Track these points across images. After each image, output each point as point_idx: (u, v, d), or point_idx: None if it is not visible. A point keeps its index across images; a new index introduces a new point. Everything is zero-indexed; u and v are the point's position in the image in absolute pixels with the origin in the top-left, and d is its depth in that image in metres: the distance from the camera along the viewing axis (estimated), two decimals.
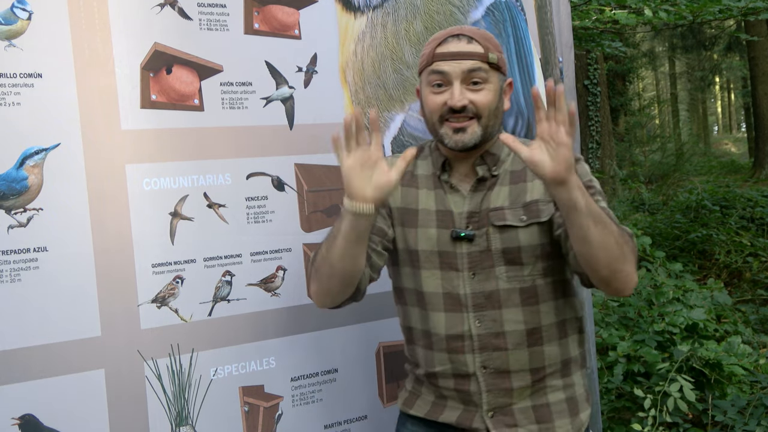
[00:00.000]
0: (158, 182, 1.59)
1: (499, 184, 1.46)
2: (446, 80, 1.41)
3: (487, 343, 1.44)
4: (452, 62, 1.40)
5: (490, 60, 1.41)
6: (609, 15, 5.44)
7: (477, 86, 1.40)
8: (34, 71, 1.48)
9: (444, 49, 1.42)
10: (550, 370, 1.47)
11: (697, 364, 3.17)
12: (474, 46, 1.41)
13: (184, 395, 1.60)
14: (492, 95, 1.41)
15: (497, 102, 1.43)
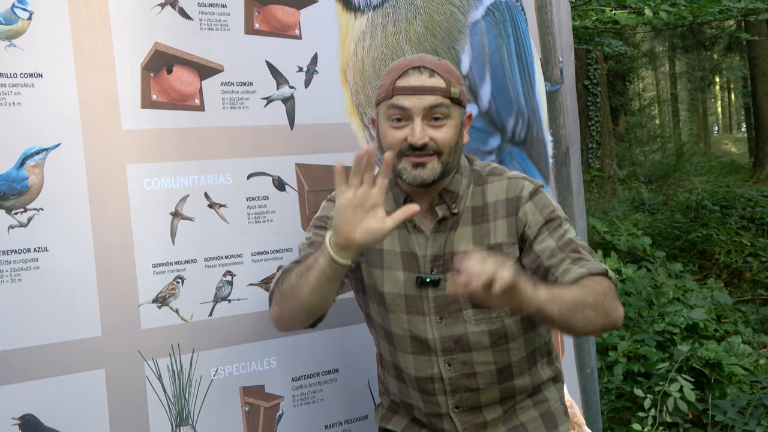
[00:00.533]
0: (159, 182, 1.59)
1: (461, 224, 1.41)
2: (407, 115, 1.34)
3: (458, 385, 1.43)
4: (413, 97, 1.33)
5: (452, 95, 1.35)
6: (609, 15, 5.44)
7: (438, 122, 1.34)
8: (34, 71, 1.48)
9: (405, 82, 1.34)
10: (519, 397, 1.47)
11: (697, 364, 3.17)
12: (436, 80, 1.34)
13: (185, 395, 1.60)
14: (453, 131, 1.36)
15: (458, 137, 1.38)
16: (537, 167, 2.06)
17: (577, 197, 2.24)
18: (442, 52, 1.91)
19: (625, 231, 5.34)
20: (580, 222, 2.25)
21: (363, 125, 1.84)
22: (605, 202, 8.89)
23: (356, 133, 1.83)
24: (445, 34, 1.91)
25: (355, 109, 1.83)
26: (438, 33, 1.91)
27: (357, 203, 1.22)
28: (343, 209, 1.22)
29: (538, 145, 2.06)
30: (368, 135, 1.85)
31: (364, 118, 1.84)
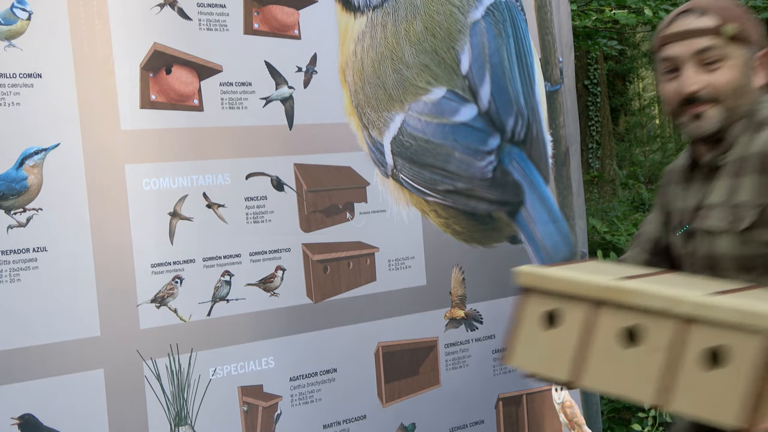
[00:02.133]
0: (158, 182, 1.59)
1: (724, 175, 1.26)
2: (676, 65, 1.25)
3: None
4: (679, 44, 1.24)
5: (725, 33, 1.22)
6: (609, 15, 5.44)
7: (713, 66, 1.23)
8: (33, 71, 1.48)
9: (671, 29, 1.26)
10: None
11: None
12: (704, 20, 1.23)
13: (183, 395, 1.60)
14: (733, 72, 1.23)
15: (742, 79, 1.24)
16: (537, 167, 2.06)
17: (577, 197, 2.24)
18: (441, 52, 1.91)
19: (625, 231, 5.34)
20: (580, 222, 2.25)
21: (362, 125, 1.84)
22: (605, 202, 8.89)
23: (355, 133, 1.83)
24: (444, 34, 1.91)
25: (354, 109, 1.83)
26: (438, 33, 1.91)
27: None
28: None
29: (537, 145, 2.06)
30: (367, 135, 1.85)
31: (363, 118, 1.84)
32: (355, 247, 1.82)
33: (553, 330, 1.09)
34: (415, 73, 1.88)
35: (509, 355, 1.14)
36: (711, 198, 1.27)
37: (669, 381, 0.97)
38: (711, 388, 0.94)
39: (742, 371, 0.91)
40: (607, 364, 1.03)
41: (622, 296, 1.02)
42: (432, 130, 1.89)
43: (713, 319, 0.94)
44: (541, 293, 1.11)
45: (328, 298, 1.78)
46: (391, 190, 1.87)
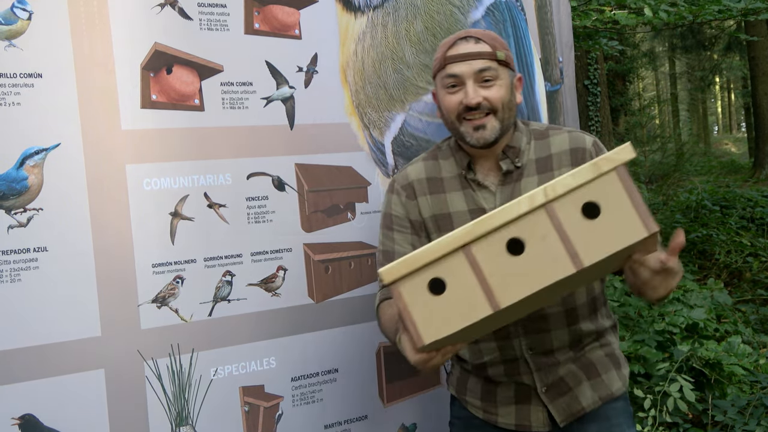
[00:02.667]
0: (158, 182, 1.59)
1: (526, 175, 1.50)
2: (459, 81, 1.47)
3: (530, 327, 1.50)
4: (462, 63, 1.46)
5: (498, 57, 1.47)
6: (609, 15, 5.44)
7: (488, 83, 1.46)
8: (34, 71, 1.48)
9: (454, 51, 1.48)
10: (587, 340, 1.55)
11: (697, 364, 3.17)
12: (482, 46, 1.47)
13: (184, 395, 1.60)
14: (504, 90, 1.47)
15: (509, 96, 1.49)
16: None
17: None
18: None
19: None
20: None
21: (363, 125, 1.84)
22: None
23: (356, 133, 1.83)
24: (445, 34, 1.91)
25: (355, 109, 1.83)
26: (438, 33, 1.91)
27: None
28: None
29: None
30: (368, 135, 1.85)
31: (364, 118, 1.84)
32: (357, 247, 1.82)
33: (447, 291, 1.19)
34: (416, 72, 1.88)
35: (420, 338, 1.21)
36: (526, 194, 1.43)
37: (571, 248, 1.15)
38: (606, 229, 1.15)
39: (620, 200, 1.14)
40: (513, 278, 1.18)
41: (483, 227, 1.18)
42: (433, 129, 1.89)
43: (571, 188, 1.15)
44: (408, 276, 1.20)
45: (330, 298, 1.78)
46: None
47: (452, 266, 1.20)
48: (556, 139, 1.52)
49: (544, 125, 1.58)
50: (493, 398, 1.57)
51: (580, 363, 1.54)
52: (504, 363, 1.53)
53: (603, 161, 1.14)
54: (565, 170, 1.46)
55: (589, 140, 1.51)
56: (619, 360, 1.59)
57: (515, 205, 1.17)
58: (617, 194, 1.15)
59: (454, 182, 1.54)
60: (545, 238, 1.16)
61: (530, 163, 1.51)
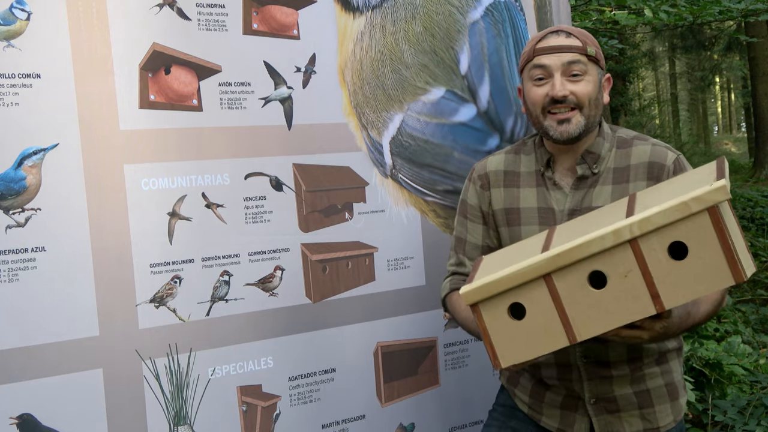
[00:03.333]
0: (156, 182, 1.59)
1: (600, 183, 1.48)
2: (547, 73, 1.46)
3: None
4: (552, 55, 1.45)
5: (588, 53, 1.45)
6: (609, 16, 5.44)
7: (577, 78, 1.45)
8: (32, 72, 1.48)
9: (544, 44, 1.47)
10: (647, 361, 1.50)
11: (697, 364, 3.16)
12: (572, 40, 1.46)
13: (182, 395, 1.60)
14: (592, 86, 1.46)
15: (597, 93, 1.47)
16: None
17: None
18: (440, 52, 1.91)
19: None
20: None
21: (361, 125, 1.84)
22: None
23: (354, 133, 1.83)
24: (443, 35, 1.91)
25: (353, 109, 1.83)
26: (437, 33, 1.91)
27: None
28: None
29: None
30: (366, 135, 1.85)
31: (362, 118, 1.84)
32: (354, 247, 1.82)
33: (526, 318, 1.19)
34: (414, 73, 1.88)
35: (498, 362, 1.23)
36: (597, 202, 1.46)
37: (653, 288, 1.12)
38: (691, 272, 1.10)
39: (708, 244, 1.08)
40: (592, 311, 1.15)
41: (566, 258, 1.15)
42: (431, 130, 1.90)
43: (659, 226, 1.10)
44: (490, 299, 1.21)
45: (327, 298, 1.78)
46: (390, 190, 1.87)
47: (533, 294, 1.18)
48: (637, 150, 1.48)
49: (632, 134, 1.54)
50: (541, 399, 1.56)
51: (637, 388, 1.49)
52: (557, 366, 1.52)
53: (693, 201, 1.08)
54: (641, 184, 1.45)
55: (670, 157, 1.46)
56: (677, 390, 1.53)
57: (600, 239, 1.13)
58: (707, 237, 1.09)
59: (531, 178, 1.54)
60: (628, 275, 1.13)
61: (608, 171, 1.48)
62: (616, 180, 1.48)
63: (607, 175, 1.48)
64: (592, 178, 1.48)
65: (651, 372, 1.50)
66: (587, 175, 1.48)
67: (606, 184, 1.48)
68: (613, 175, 1.48)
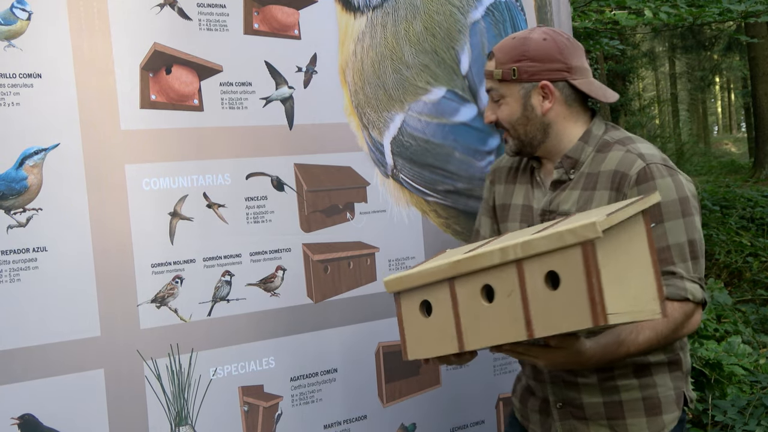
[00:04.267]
0: (158, 182, 1.59)
1: (571, 187, 1.47)
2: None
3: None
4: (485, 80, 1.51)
5: (495, 77, 1.45)
6: (609, 16, 5.44)
7: (498, 102, 1.48)
8: (33, 71, 1.48)
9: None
10: (620, 372, 1.42)
11: (697, 364, 3.16)
12: (490, 64, 1.47)
13: (184, 395, 1.60)
14: (509, 109, 1.46)
15: (520, 112, 1.45)
16: None
17: None
18: (441, 53, 1.91)
19: None
20: None
21: (362, 125, 1.84)
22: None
23: (355, 133, 1.83)
24: (444, 35, 1.91)
25: (354, 109, 1.83)
26: (438, 33, 1.91)
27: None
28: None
29: None
30: (367, 135, 1.85)
31: (363, 118, 1.84)
32: (356, 247, 1.82)
33: (432, 316, 1.22)
34: (415, 73, 1.88)
35: (407, 350, 1.26)
36: (564, 206, 1.45)
37: (528, 314, 1.11)
38: (560, 304, 1.08)
39: (576, 280, 1.06)
40: (481, 323, 1.17)
41: (464, 266, 1.17)
42: (432, 130, 1.90)
43: (540, 252, 1.10)
44: (409, 291, 1.24)
45: (329, 298, 1.78)
46: (391, 190, 1.87)
47: (439, 295, 1.21)
48: (611, 156, 1.42)
49: (618, 136, 1.46)
50: (526, 404, 1.57)
51: (608, 398, 1.43)
52: (532, 366, 1.52)
53: (568, 233, 1.06)
54: (605, 193, 1.40)
55: (637, 166, 1.37)
56: (659, 405, 1.42)
57: (489, 255, 1.14)
58: (576, 272, 1.06)
59: (526, 176, 1.57)
60: (511, 294, 1.13)
61: (581, 176, 1.45)
62: (585, 186, 1.44)
63: (579, 179, 1.45)
64: (568, 182, 1.47)
65: (627, 384, 1.42)
66: (563, 179, 1.47)
67: (575, 189, 1.45)
68: (584, 180, 1.44)
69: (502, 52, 1.46)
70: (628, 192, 1.37)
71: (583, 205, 1.42)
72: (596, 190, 1.42)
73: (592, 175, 1.44)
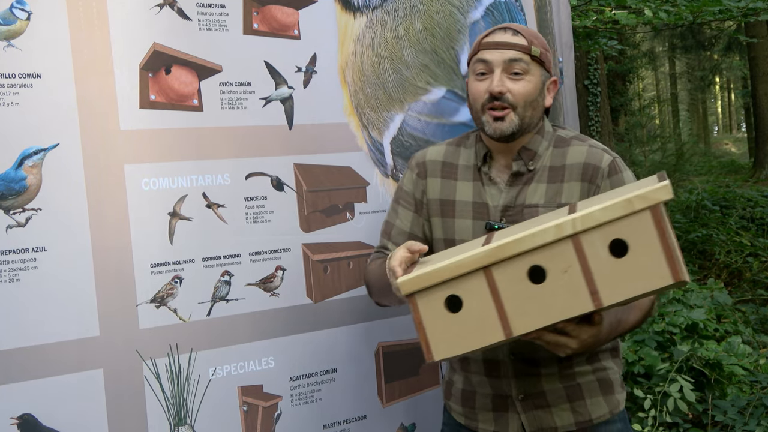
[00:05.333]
0: (157, 182, 1.59)
1: (536, 180, 1.48)
2: (489, 68, 1.45)
3: None
4: (495, 51, 1.45)
5: (532, 52, 1.44)
6: (609, 15, 5.44)
7: (517, 76, 1.44)
8: (33, 71, 1.48)
9: (490, 39, 1.47)
10: (577, 360, 1.49)
11: (697, 364, 3.17)
12: (518, 38, 1.45)
13: (183, 395, 1.60)
14: (531, 87, 1.45)
15: (536, 94, 1.46)
16: None
17: None
18: (441, 52, 1.91)
19: None
20: None
21: (362, 125, 1.84)
22: None
23: (355, 133, 1.83)
24: (444, 35, 1.91)
25: (354, 109, 1.83)
26: (437, 33, 1.91)
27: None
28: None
29: None
30: (367, 135, 1.85)
31: (362, 118, 1.84)
32: (356, 247, 1.82)
33: (463, 311, 1.19)
34: (415, 73, 1.88)
35: (432, 352, 1.22)
36: (531, 200, 1.48)
37: (592, 285, 1.12)
38: (631, 270, 1.10)
39: (649, 243, 1.09)
40: (530, 306, 1.16)
41: (507, 251, 1.15)
42: (432, 130, 1.89)
43: (601, 222, 1.10)
44: (428, 290, 1.20)
45: (328, 298, 1.78)
46: (391, 190, 1.87)
47: (471, 286, 1.18)
48: (574, 150, 1.49)
49: (571, 133, 1.54)
50: (472, 404, 1.55)
51: (566, 383, 1.49)
52: (485, 363, 1.51)
53: (637, 199, 1.09)
54: (575, 185, 1.46)
55: (606, 159, 1.47)
56: (612, 386, 1.53)
57: (541, 233, 1.13)
58: (648, 236, 1.09)
59: (468, 172, 1.54)
60: (568, 270, 1.13)
61: (543, 169, 1.49)
62: (551, 179, 1.48)
63: (542, 173, 1.48)
64: (528, 176, 1.49)
65: (582, 370, 1.50)
66: (522, 172, 1.48)
67: (541, 182, 1.48)
68: (548, 173, 1.48)
69: (529, 34, 1.47)
70: (601, 183, 1.45)
71: (553, 197, 1.46)
72: (564, 182, 1.47)
73: (555, 168, 1.49)
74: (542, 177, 1.49)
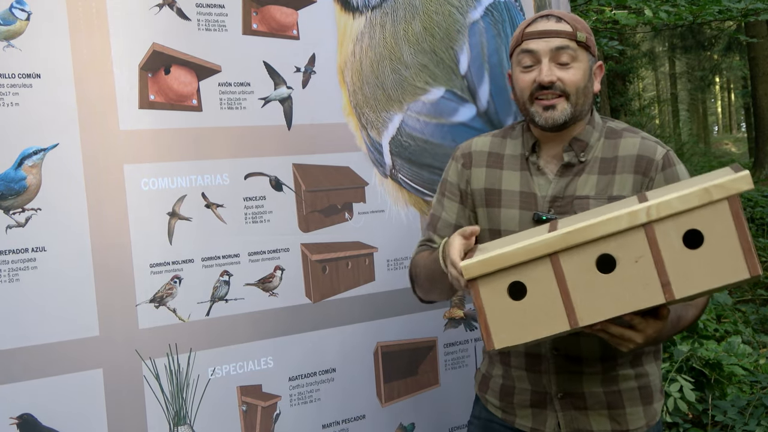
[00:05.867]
0: (156, 182, 1.59)
1: (587, 171, 1.45)
2: (535, 59, 1.42)
3: None
4: (540, 40, 1.42)
5: (578, 39, 1.42)
6: (609, 15, 5.44)
7: (565, 64, 1.42)
8: (32, 72, 1.48)
9: (533, 28, 1.44)
10: (621, 361, 1.46)
11: (697, 364, 3.17)
12: (562, 25, 1.42)
13: (182, 395, 1.60)
14: (580, 73, 1.42)
15: (586, 81, 1.44)
16: None
17: None
18: (440, 53, 1.91)
19: None
20: None
21: (361, 125, 1.84)
22: None
23: (354, 133, 1.83)
24: (443, 35, 1.91)
25: (353, 109, 1.83)
26: (437, 33, 1.91)
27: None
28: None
29: None
30: (365, 135, 1.85)
31: (361, 119, 1.84)
32: (354, 247, 1.82)
33: (527, 298, 1.15)
34: (414, 73, 1.88)
35: (492, 340, 1.18)
36: (582, 191, 1.45)
37: (665, 276, 1.08)
38: (705, 262, 1.06)
39: (725, 235, 1.05)
40: (598, 296, 1.12)
41: (576, 237, 1.11)
42: (431, 130, 1.90)
43: (676, 212, 1.07)
44: (491, 275, 1.17)
45: (327, 298, 1.78)
46: (389, 190, 1.87)
47: (536, 273, 1.14)
48: (627, 142, 1.46)
49: (622, 125, 1.51)
50: (510, 399, 1.53)
51: (608, 388, 1.46)
52: (527, 356, 1.49)
53: (715, 188, 1.05)
54: (628, 176, 1.43)
55: (660, 151, 1.44)
56: (652, 395, 1.48)
57: (614, 220, 1.09)
58: (725, 227, 1.05)
59: (515, 161, 1.52)
60: (639, 260, 1.09)
61: (594, 160, 1.46)
62: (602, 170, 1.45)
63: (593, 164, 1.46)
64: (579, 167, 1.46)
65: (625, 374, 1.46)
66: (573, 163, 1.46)
67: (592, 173, 1.45)
68: (599, 164, 1.45)
69: (572, 19, 1.43)
70: (655, 176, 1.42)
71: (604, 188, 1.43)
72: (616, 174, 1.44)
73: (607, 160, 1.45)
74: (593, 168, 1.45)
